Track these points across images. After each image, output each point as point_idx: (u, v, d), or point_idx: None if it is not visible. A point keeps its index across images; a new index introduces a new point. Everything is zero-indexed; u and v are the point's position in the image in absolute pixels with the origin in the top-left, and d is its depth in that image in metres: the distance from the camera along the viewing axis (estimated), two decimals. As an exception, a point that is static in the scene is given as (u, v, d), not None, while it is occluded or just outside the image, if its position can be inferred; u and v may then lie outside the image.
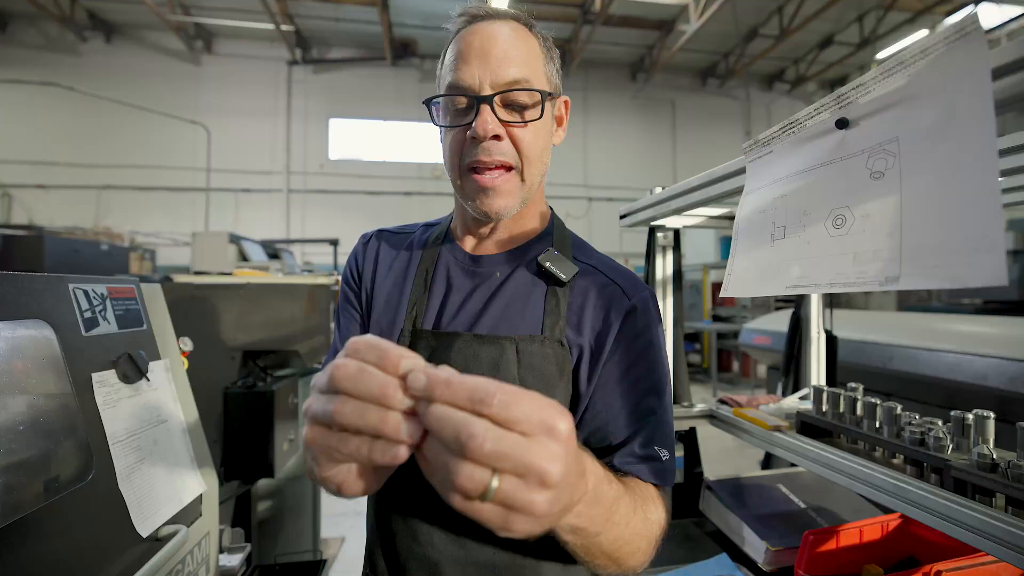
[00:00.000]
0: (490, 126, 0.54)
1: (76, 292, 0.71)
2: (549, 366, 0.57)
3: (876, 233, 0.41)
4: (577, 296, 0.60)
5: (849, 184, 0.44)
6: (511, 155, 0.57)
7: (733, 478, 1.07)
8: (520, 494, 0.28)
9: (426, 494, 0.56)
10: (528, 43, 0.58)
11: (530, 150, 0.58)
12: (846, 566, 0.78)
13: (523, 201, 0.60)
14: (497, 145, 0.56)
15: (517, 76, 0.55)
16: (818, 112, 0.49)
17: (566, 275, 0.59)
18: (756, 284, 0.54)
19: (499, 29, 0.57)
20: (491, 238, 0.65)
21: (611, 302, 0.59)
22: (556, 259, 0.60)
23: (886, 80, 0.42)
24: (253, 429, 1.45)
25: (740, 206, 0.59)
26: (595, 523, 0.40)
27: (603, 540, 0.43)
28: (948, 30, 0.36)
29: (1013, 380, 1.29)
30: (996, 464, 0.59)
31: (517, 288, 0.61)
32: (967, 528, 0.57)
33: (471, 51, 0.56)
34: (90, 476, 0.64)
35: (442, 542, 0.57)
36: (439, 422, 0.28)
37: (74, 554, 0.60)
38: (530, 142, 0.57)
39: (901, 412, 0.75)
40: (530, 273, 0.62)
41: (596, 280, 0.61)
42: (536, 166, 0.60)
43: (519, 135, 0.57)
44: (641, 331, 0.59)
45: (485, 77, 0.55)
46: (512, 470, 0.27)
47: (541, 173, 0.61)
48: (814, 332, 1.19)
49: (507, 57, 0.55)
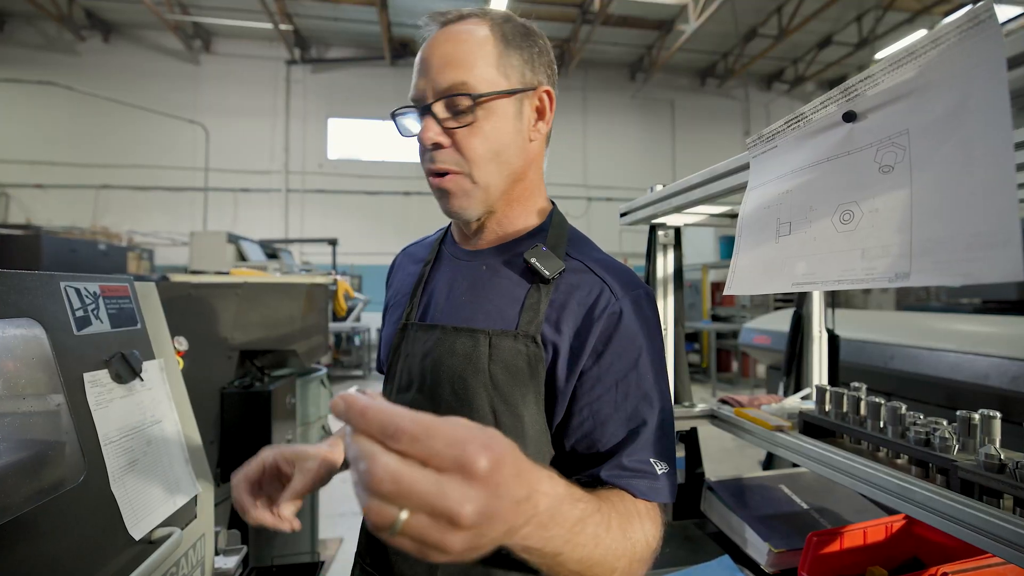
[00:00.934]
0: (429, 134, 0.56)
1: (68, 290, 0.70)
2: (520, 362, 0.56)
3: (885, 228, 0.40)
4: (561, 294, 0.58)
5: (857, 178, 0.43)
6: (452, 161, 0.58)
7: (734, 479, 1.06)
8: (430, 533, 0.27)
9: None
10: (475, 42, 0.57)
11: (474, 153, 0.57)
12: (850, 568, 0.77)
13: (484, 201, 0.60)
14: (439, 153, 0.57)
15: (453, 81, 0.55)
16: (824, 105, 0.47)
17: (550, 272, 0.58)
18: (760, 281, 0.53)
19: (446, 34, 0.57)
20: (480, 235, 0.66)
21: (596, 301, 0.57)
22: (543, 255, 0.59)
23: (896, 71, 0.40)
24: (250, 429, 1.44)
25: (744, 202, 0.57)
26: (551, 544, 0.38)
27: (566, 560, 0.40)
28: (961, 19, 0.35)
29: (1015, 380, 1.29)
30: (1004, 465, 0.58)
31: (500, 282, 0.61)
32: (975, 530, 0.56)
33: (419, 62, 0.58)
34: (81, 478, 0.63)
35: None
36: (350, 452, 0.28)
37: (65, 557, 0.59)
38: (475, 145, 0.57)
39: (905, 412, 0.74)
40: (516, 269, 0.61)
41: (584, 278, 0.59)
42: (486, 167, 0.58)
43: (461, 140, 0.57)
44: (631, 333, 0.56)
45: (428, 86, 0.57)
46: (419, 509, 0.26)
47: (500, 173, 0.59)
48: (816, 331, 1.18)
49: (444, 63, 0.56)
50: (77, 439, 0.64)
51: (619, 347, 0.56)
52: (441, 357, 0.59)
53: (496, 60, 0.57)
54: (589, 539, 0.42)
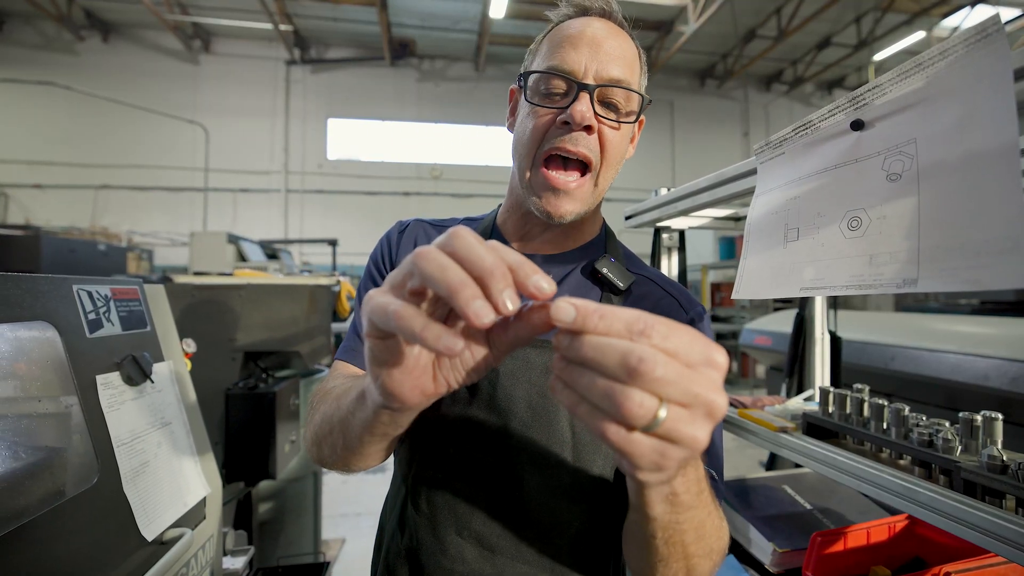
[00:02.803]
0: (588, 114, 0.52)
1: (80, 293, 0.70)
2: None
3: (893, 235, 0.41)
4: (632, 305, 0.59)
5: (865, 186, 0.44)
6: (595, 151, 0.55)
7: (738, 479, 1.07)
8: (685, 426, 0.26)
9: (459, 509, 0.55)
10: (633, 50, 0.57)
11: (614, 151, 0.56)
12: (853, 568, 0.78)
13: (588, 208, 0.58)
14: (586, 137, 0.54)
15: (621, 75, 0.54)
16: (832, 114, 0.48)
17: (623, 283, 0.58)
18: (768, 286, 0.53)
19: (611, 28, 0.56)
20: (543, 237, 0.63)
21: (668, 314, 0.57)
22: (613, 266, 0.59)
23: (904, 82, 0.41)
24: (255, 430, 1.44)
25: (752, 207, 0.58)
26: (690, 492, 0.37)
27: (692, 519, 0.39)
28: (969, 32, 0.36)
29: (1015, 381, 1.30)
30: (1006, 466, 0.59)
31: (571, 292, 0.60)
32: (978, 530, 0.57)
33: (582, 39, 0.54)
34: (95, 479, 0.63)
35: (473, 558, 0.54)
36: (600, 351, 0.26)
37: (79, 558, 0.59)
38: (616, 143, 0.56)
39: (909, 413, 0.75)
40: (584, 277, 0.61)
41: (652, 291, 0.61)
42: (613, 170, 0.58)
43: (608, 134, 0.55)
44: None
45: (591, 67, 0.53)
46: (679, 399, 0.25)
47: (609, 181, 0.59)
48: (818, 333, 1.19)
49: (615, 55, 0.54)
50: (91, 441, 0.64)
51: None
52: (515, 370, 0.56)
53: (640, 74, 0.58)
54: (707, 500, 0.41)
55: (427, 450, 0.58)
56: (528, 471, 0.54)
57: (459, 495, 0.55)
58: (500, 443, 0.55)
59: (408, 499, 0.58)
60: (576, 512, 0.55)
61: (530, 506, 0.54)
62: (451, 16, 8.81)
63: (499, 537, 0.54)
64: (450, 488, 0.56)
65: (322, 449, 0.51)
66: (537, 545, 0.54)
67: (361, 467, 0.51)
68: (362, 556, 2.46)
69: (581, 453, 0.55)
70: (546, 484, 0.54)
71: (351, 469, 0.52)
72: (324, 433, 0.50)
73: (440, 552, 0.55)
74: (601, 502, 0.57)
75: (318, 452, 0.53)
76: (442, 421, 0.57)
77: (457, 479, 0.56)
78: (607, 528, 0.58)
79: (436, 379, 0.35)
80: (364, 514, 2.93)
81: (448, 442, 0.57)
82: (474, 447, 0.56)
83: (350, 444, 0.46)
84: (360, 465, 0.51)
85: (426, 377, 0.34)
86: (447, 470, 0.56)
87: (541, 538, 0.55)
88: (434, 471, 0.57)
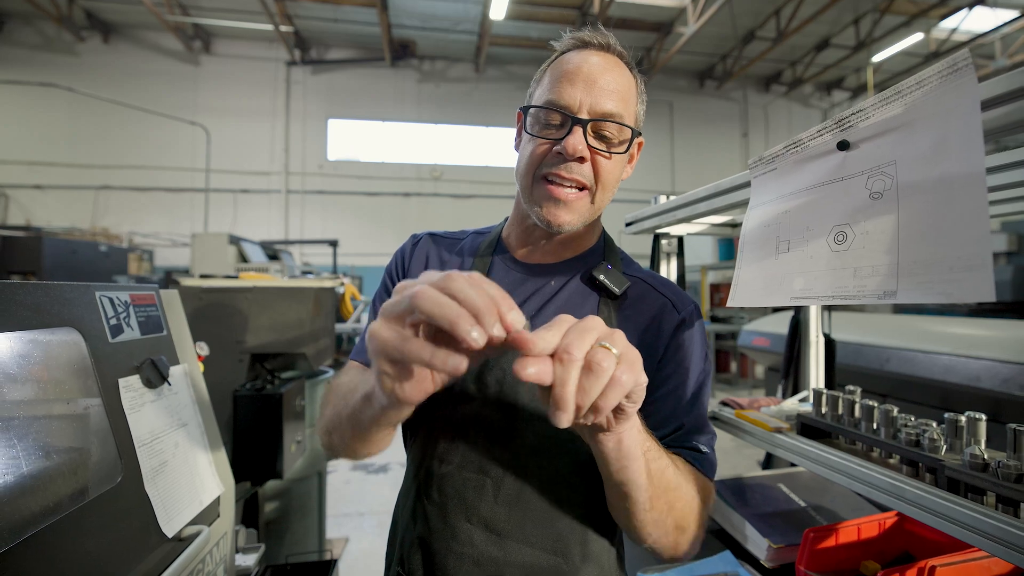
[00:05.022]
0: (580, 147, 0.57)
1: (102, 300, 0.73)
2: None
3: (875, 250, 0.44)
4: (628, 307, 0.65)
5: (850, 203, 0.47)
6: (589, 177, 0.60)
7: (735, 478, 1.10)
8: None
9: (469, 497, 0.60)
10: (628, 81, 0.62)
11: (608, 177, 0.61)
12: (845, 562, 0.81)
13: (586, 222, 0.64)
14: (579, 166, 0.59)
15: (613, 110, 0.59)
16: (820, 134, 0.51)
17: (619, 288, 0.63)
18: (761, 295, 0.57)
19: (608, 61, 0.60)
20: (545, 247, 0.68)
21: (662, 314, 0.64)
22: (609, 273, 0.64)
23: (885, 107, 0.44)
24: (262, 431, 1.47)
25: (746, 219, 0.61)
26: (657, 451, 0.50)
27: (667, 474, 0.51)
28: (942, 65, 0.39)
29: (1006, 382, 1.33)
30: (987, 464, 0.62)
31: (571, 297, 0.65)
32: (960, 525, 0.60)
33: (579, 74, 0.59)
34: (119, 478, 0.66)
35: (482, 542, 0.59)
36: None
37: (106, 554, 0.62)
38: (609, 170, 0.61)
39: (897, 414, 0.78)
40: (583, 283, 0.66)
41: (647, 293, 0.66)
42: (608, 192, 0.63)
43: (602, 163, 0.60)
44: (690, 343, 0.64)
45: (585, 102, 0.58)
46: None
47: (606, 201, 0.65)
48: (813, 336, 1.22)
49: (609, 89, 0.58)
50: (114, 442, 0.67)
51: (681, 354, 0.63)
52: None
53: (636, 106, 0.63)
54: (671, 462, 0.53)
55: (439, 446, 0.63)
56: (532, 461, 0.59)
57: (468, 485, 0.60)
58: (507, 436, 0.60)
59: (421, 491, 0.63)
60: (577, 497, 0.60)
61: (534, 493, 0.59)
62: (451, 17, 8.84)
63: (505, 522, 0.59)
64: (460, 479, 0.61)
65: (332, 438, 0.60)
66: (541, 529, 0.59)
67: (367, 453, 0.59)
68: (366, 555, 2.49)
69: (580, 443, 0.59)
70: (549, 472, 0.59)
71: (358, 455, 0.60)
72: (334, 426, 0.59)
73: (451, 538, 0.60)
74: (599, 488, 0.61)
75: (328, 441, 0.62)
76: (454, 420, 0.62)
77: (466, 470, 0.61)
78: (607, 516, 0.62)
79: (434, 380, 0.41)
80: (368, 514, 2.96)
81: (459, 437, 0.62)
82: (483, 441, 0.61)
83: (359, 434, 0.54)
84: (366, 451, 0.58)
85: (426, 382, 0.40)
86: (457, 463, 0.61)
87: (545, 522, 0.59)
88: (445, 464, 0.62)
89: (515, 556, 0.58)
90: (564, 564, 0.59)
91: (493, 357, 0.53)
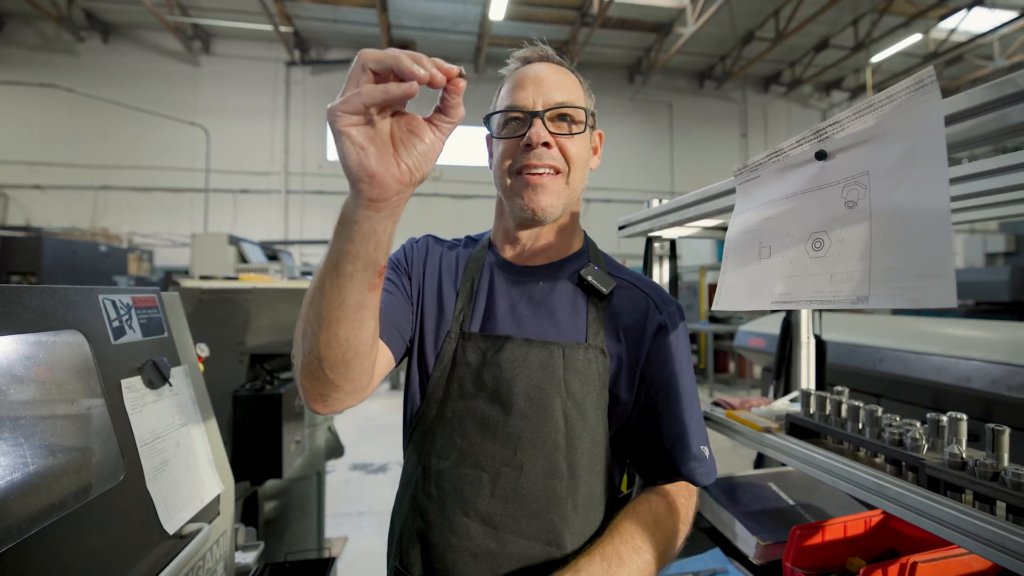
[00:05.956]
0: (543, 134, 0.64)
1: (105, 303, 0.75)
2: (591, 371, 0.64)
3: (849, 256, 0.46)
4: (614, 307, 0.68)
5: (827, 211, 0.49)
6: (559, 160, 0.66)
7: (726, 477, 1.12)
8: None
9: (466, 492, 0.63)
10: (572, 80, 0.70)
11: (576, 157, 0.67)
12: (831, 559, 0.82)
13: (565, 205, 0.68)
14: (547, 152, 0.65)
15: (563, 99, 0.66)
16: (800, 144, 0.53)
17: (606, 288, 0.67)
18: (744, 299, 0.58)
19: (550, 67, 0.69)
20: (532, 249, 0.72)
21: (646, 314, 0.68)
22: (596, 274, 0.68)
23: (859, 119, 0.46)
24: (261, 431, 1.49)
25: (731, 225, 0.63)
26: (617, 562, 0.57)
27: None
28: (910, 81, 0.41)
29: (995, 382, 1.35)
30: (965, 463, 0.64)
31: (561, 298, 0.68)
32: (938, 522, 0.62)
33: (527, 79, 0.67)
34: (122, 476, 0.68)
35: (479, 535, 0.61)
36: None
37: (110, 551, 0.64)
38: (575, 151, 0.67)
39: (882, 415, 0.79)
40: (572, 285, 0.69)
41: (631, 293, 0.70)
42: (580, 172, 0.68)
43: (566, 144, 0.66)
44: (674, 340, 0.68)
45: (538, 98, 0.65)
46: None
47: (580, 182, 0.69)
48: (804, 337, 1.24)
49: (556, 86, 0.66)
50: (117, 441, 0.69)
51: (666, 352, 0.66)
52: (515, 368, 0.64)
53: (585, 100, 0.69)
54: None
55: (436, 443, 0.66)
56: (527, 456, 0.62)
57: (465, 480, 0.63)
58: (502, 431, 0.63)
59: (419, 487, 0.66)
60: (569, 491, 0.63)
61: (529, 487, 0.62)
62: (451, 18, 8.85)
63: (501, 515, 0.62)
64: (457, 474, 0.64)
65: (309, 328, 0.50)
66: (535, 521, 0.62)
67: (348, 333, 0.49)
68: (365, 554, 2.51)
69: (573, 438, 0.62)
70: (543, 467, 0.62)
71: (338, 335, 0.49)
72: (311, 312, 0.50)
73: (449, 532, 0.62)
74: (591, 481, 0.64)
75: (302, 338, 0.52)
76: (450, 417, 0.65)
77: (463, 465, 0.63)
78: (596, 504, 0.65)
79: (399, 163, 0.45)
80: (367, 513, 2.98)
81: (456, 434, 0.65)
82: (479, 437, 0.64)
83: (334, 293, 0.47)
84: (346, 327, 0.48)
85: (389, 154, 0.44)
86: (454, 458, 0.64)
87: (539, 515, 0.62)
88: (443, 461, 0.65)
89: (511, 548, 0.61)
90: (557, 552, 0.61)
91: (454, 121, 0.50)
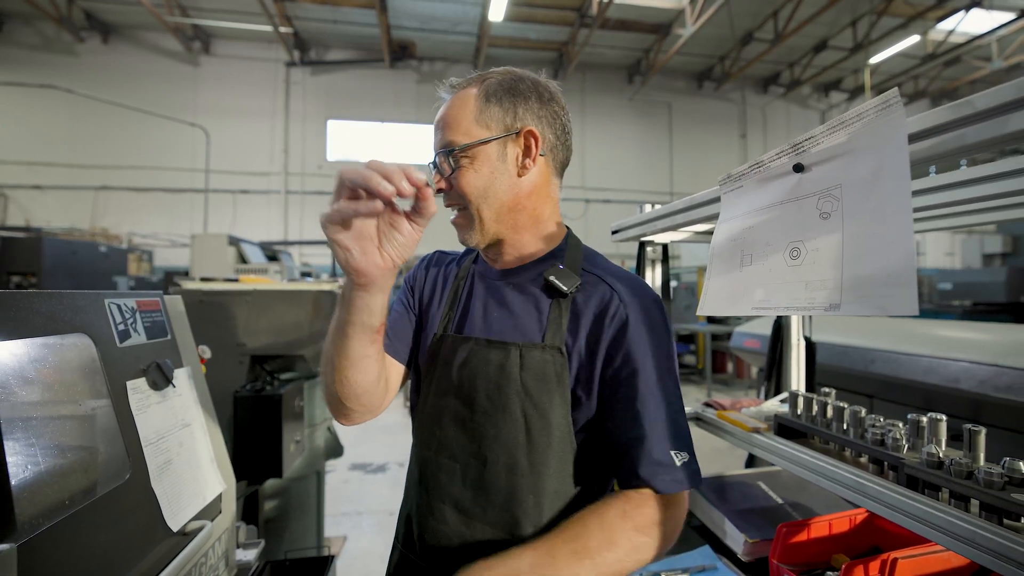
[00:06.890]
0: (434, 182, 0.68)
1: (111, 307, 0.77)
2: (548, 370, 0.65)
3: (823, 265, 0.48)
4: (578, 305, 0.68)
5: (803, 221, 0.52)
6: (456, 199, 0.70)
7: (717, 476, 1.14)
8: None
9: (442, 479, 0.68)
10: (461, 104, 0.69)
11: (471, 191, 0.68)
12: (816, 556, 0.85)
13: (482, 231, 0.70)
14: (448, 194, 0.70)
15: (444, 140, 0.68)
16: (779, 156, 0.56)
17: (568, 287, 0.66)
18: (727, 304, 0.61)
19: (448, 102, 0.71)
20: (501, 258, 0.75)
21: (607, 307, 0.65)
22: (560, 273, 0.68)
23: (832, 135, 0.49)
24: (262, 431, 1.51)
25: (715, 232, 0.66)
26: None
27: None
28: (877, 100, 0.43)
29: (982, 383, 1.37)
30: (942, 462, 0.66)
31: (525, 299, 0.70)
32: (916, 519, 0.64)
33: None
34: (127, 475, 0.70)
35: (454, 521, 0.66)
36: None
37: (115, 547, 0.66)
38: (466, 183, 0.68)
39: (866, 415, 0.82)
40: (537, 286, 0.70)
41: (598, 289, 0.67)
42: (485, 202, 0.69)
43: (460, 180, 0.68)
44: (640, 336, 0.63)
45: (436, 145, 0.70)
46: None
47: (491, 207, 0.69)
48: (794, 339, 1.26)
49: (442, 126, 0.70)
50: (123, 441, 0.71)
51: (628, 349, 0.63)
52: (477, 367, 0.67)
53: (476, 116, 0.68)
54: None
55: (423, 433, 0.72)
56: (490, 450, 0.66)
57: (442, 469, 0.69)
58: (469, 426, 0.68)
59: (413, 473, 0.74)
60: (530, 487, 0.64)
61: (492, 479, 0.65)
62: (451, 18, 8.87)
63: (471, 504, 0.66)
64: (435, 463, 0.70)
65: (326, 370, 0.69)
66: (500, 514, 0.65)
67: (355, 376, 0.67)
68: (364, 554, 2.53)
69: (533, 436, 0.64)
70: (504, 462, 0.65)
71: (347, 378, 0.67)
72: (327, 357, 0.69)
73: (430, 514, 0.68)
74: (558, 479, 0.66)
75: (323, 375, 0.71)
76: (432, 409, 0.71)
77: (441, 455, 0.69)
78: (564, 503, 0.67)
79: (382, 254, 0.57)
80: (366, 513, 3.00)
81: (435, 425, 0.70)
82: (453, 429, 0.69)
83: (340, 348, 0.65)
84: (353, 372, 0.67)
85: (374, 248, 0.57)
86: (435, 448, 0.70)
87: (502, 506, 0.65)
88: (427, 450, 0.71)
89: (478, 535, 0.65)
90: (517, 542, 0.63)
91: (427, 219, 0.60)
